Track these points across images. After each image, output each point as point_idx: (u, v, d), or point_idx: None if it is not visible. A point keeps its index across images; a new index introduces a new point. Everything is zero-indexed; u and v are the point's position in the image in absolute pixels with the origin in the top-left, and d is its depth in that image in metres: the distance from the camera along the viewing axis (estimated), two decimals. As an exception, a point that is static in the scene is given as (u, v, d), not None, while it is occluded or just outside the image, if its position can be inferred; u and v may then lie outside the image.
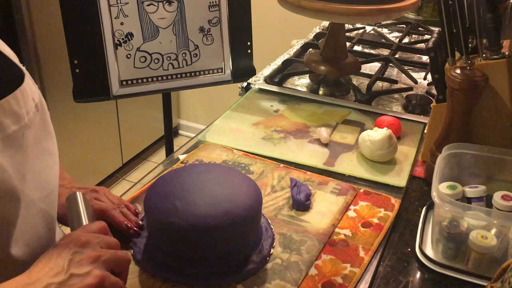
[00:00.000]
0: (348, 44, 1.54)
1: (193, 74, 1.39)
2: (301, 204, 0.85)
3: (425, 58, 1.54)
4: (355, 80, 1.40)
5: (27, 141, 0.60)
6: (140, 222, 0.79)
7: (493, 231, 0.74)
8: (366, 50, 1.60)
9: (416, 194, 0.94)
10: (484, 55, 0.90)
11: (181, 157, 1.02)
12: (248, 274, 0.71)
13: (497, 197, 0.80)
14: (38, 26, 1.89)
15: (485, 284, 0.64)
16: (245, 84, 1.35)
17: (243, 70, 1.43)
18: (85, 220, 0.66)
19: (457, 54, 0.93)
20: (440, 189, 0.81)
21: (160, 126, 1.84)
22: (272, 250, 0.76)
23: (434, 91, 1.14)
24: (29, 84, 0.62)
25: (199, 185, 0.74)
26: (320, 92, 1.32)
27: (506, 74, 0.88)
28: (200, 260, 0.71)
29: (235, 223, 0.69)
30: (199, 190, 0.73)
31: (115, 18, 1.27)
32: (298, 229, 0.81)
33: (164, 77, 1.36)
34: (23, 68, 0.63)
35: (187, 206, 0.70)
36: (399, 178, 0.97)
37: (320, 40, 1.64)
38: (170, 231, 0.69)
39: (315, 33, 1.71)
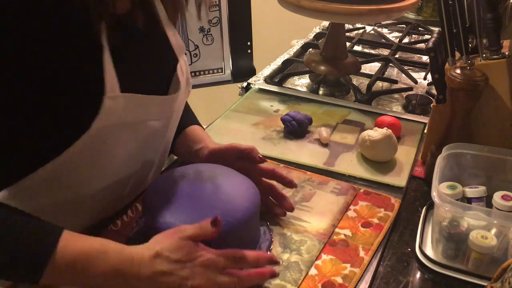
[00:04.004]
0: (348, 44, 1.54)
1: (193, 74, 1.39)
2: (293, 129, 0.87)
3: (425, 58, 1.54)
4: (355, 80, 1.40)
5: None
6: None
7: (493, 231, 0.74)
8: (366, 50, 1.60)
9: (416, 194, 0.94)
10: (484, 55, 0.90)
11: (181, 157, 1.01)
12: None
13: (497, 197, 0.80)
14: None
15: (485, 284, 0.64)
16: (245, 84, 1.35)
17: (243, 70, 1.43)
18: None
19: (457, 54, 0.93)
20: (440, 189, 0.81)
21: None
22: (269, 253, 0.76)
23: (434, 91, 1.14)
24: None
25: (197, 186, 0.74)
26: (320, 92, 1.32)
27: (506, 74, 0.88)
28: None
29: (230, 224, 0.69)
30: (198, 191, 0.73)
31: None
32: (298, 229, 0.81)
33: (164, 77, 1.37)
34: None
35: (184, 207, 0.70)
36: (399, 178, 0.97)
37: (320, 40, 1.64)
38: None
39: (315, 33, 1.71)
